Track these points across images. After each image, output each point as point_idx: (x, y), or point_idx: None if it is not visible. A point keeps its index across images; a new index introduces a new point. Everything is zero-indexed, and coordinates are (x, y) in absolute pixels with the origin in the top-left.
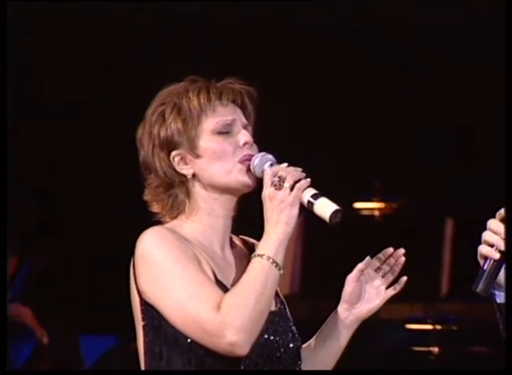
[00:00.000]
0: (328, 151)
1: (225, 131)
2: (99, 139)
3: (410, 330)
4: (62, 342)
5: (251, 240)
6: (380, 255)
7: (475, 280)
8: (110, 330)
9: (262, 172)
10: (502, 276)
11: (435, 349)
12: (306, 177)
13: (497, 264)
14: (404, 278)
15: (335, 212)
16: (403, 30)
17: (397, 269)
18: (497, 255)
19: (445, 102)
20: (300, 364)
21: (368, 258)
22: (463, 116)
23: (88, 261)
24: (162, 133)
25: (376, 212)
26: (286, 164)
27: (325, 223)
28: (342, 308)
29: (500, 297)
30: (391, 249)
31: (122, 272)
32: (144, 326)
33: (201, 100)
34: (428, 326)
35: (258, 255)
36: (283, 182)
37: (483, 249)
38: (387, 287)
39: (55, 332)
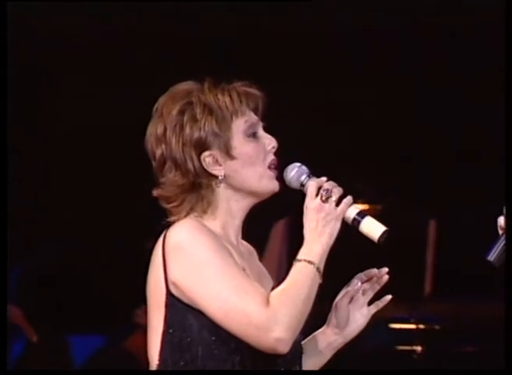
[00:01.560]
0: (310, 152)
1: (253, 133)
2: (100, 140)
3: (394, 329)
4: (51, 342)
5: (249, 245)
6: (362, 274)
7: (490, 249)
8: (99, 330)
9: (299, 183)
10: None
11: (419, 348)
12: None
13: None
14: (389, 296)
15: (383, 233)
16: (401, 32)
17: (378, 287)
18: None
19: (430, 105)
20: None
21: (355, 281)
22: (448, 118)
23: (78, 262)
24: (196, 134)
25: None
26: (325, 178)
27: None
28: (330, 332)
29: None
30: (375, 270)
31: (111, 272)
32: (165, 319)
33: (234, 99)
34: (412, 326)
35: (306, 261)
36: (330, 195)
37: (502, 220)
38: (369, 304)
39: (44, 332)
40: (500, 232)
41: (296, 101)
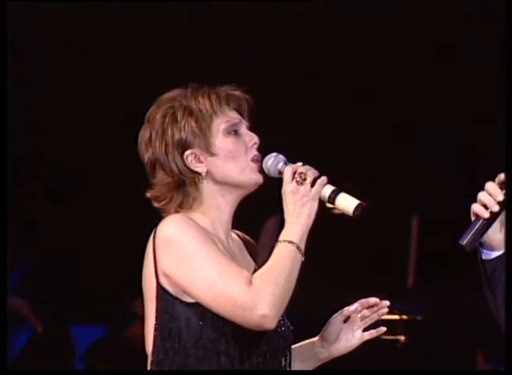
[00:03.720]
0: (297, 152)
1: (234, 131)
2: (98, 139)
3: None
4: (55, 332)
5: (244, 235)
6: (364, 301)
7: (463, 233)
8: (100, 320)
9: (277, 171)
10: (491, 235)
11: (402, 337)
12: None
13: (486, 223)
14: (383, 328)
15: (357, 207)
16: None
17: (376, 317)
18: (486, 215)
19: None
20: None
21: (356, 304)
22: (417, 117)
23: (80, 254)
24: (176, 135)
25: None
26: (300, 163)
27: (347, 216)
28: (319, 343)
29: (486, 254)
30: (376, 299)
31: (112, 263)
32: (156, 310)
33: (212, 102)
34: (395, 316)
35: (286, 241)
36: (305, 178)
37: (475, 207)
38: (364, 330)
39: (48, 322)
40: (473, 218)
41: (283, 100)
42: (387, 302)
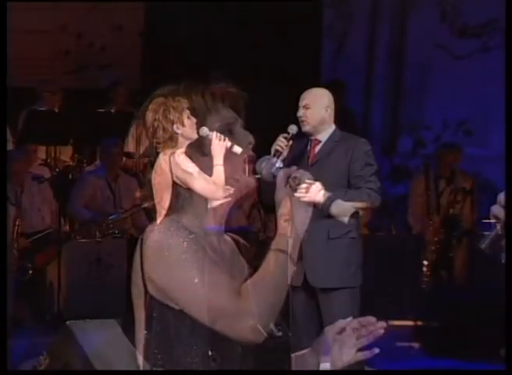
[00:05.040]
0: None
1: (228, 130)
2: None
3: (393, 326)
4: (58, 331)
5: (238, 237)
6: (362, 319)
7: (482, 236)
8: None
9: (271, 174)
10: None
11: (416, 345)
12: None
13: (506, 226)
14: (377, 350)
15: (352, 215)
16: None
17: (372, 338)
18: None
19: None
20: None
21: (350, 318)
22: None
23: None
24: (168, 133)
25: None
26: (295, 167)
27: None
28: (309, 352)
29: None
30: (374, 319)
31: (118, 264)
32: (146, 317)
33: (207, 101)
34: (410, 323)
35: (278, 250)
36: (299, 183)
37: (496, 209)
38: (358, 350)
39: (49, 322)
40: (493, 221)
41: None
42: (384, 324)
